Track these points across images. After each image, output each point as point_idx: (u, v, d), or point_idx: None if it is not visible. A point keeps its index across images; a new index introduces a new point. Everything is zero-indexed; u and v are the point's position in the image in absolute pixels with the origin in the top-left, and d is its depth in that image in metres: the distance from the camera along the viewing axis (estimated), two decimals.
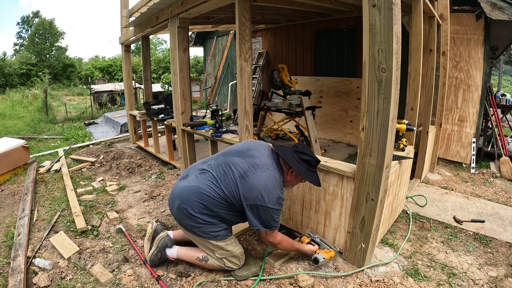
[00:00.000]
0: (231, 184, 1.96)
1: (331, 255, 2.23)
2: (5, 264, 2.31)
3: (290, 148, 2.11)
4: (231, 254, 2.10)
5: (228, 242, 2.09)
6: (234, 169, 1.99)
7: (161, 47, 33.13)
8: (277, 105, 4.52)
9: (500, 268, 2.27)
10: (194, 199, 1.98)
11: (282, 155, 2.05)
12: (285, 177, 2.10)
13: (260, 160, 2.03)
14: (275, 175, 2.00)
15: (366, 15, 1.81)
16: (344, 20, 5.37)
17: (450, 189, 3.64)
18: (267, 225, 1.96)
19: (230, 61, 8.97)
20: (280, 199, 1.96)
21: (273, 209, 1.92)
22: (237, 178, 1.96)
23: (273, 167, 2.03)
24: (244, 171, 1.97)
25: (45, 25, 24.86)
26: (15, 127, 8.36)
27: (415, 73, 2.85)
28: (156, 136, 4.98)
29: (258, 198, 1.90)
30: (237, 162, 2.02)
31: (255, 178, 1.93)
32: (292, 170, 2.07)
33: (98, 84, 15.62)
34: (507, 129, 6.44)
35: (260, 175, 1.95)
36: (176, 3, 3.44)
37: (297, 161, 2.03)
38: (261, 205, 1.90)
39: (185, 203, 2.00)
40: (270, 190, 1.92)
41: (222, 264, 2.11)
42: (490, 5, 3.70)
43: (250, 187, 1.92)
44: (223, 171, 2.02)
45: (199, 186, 2.00)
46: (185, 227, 2.08)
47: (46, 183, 3.94)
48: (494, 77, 17.40)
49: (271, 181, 1.95)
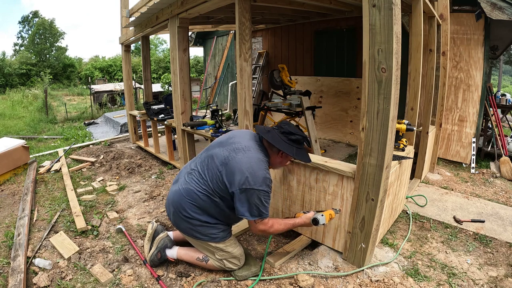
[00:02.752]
0: (215, 175, 1.90)
1: (330, 213, 2.11)
2: (5, 264, 2.31)
3: (275, 130, 2.02)
4: (231, 255, 2.09)
5: (228, 244, 2.08)
6: (216, 159, 1.93)
7: (161, 47, 33.14)
8: (277, 105, 4.51)
9: (500, 268, 2.27)
10: (186, 201, 1.98)
11: (270, 139, 1.96)
12: (273, 159, 2.02)
13: (241, 144, 1.95)
14: (258, 156, 1.92)
15: (366, 15, 1.81)
16: (344, 20, 5.37)
17: (450, 189, 3.64)
18: (256, 212, 1.85)
19: (230, 61, 8.97)
20: (267, 180, 1.85)
21: (261, 190, 1.81)
22: (219, 166, 1.89)
23: (256, 148, 1.96)
24: (225, 158, 1.89)
25: (45, 25, 24.86)
26: (15, 127, 8.37)
27: (415, 73, 2.85)
28: (156, 136, 4.98)
29: (242, 181, 1.80)
30: (218, 152, 1.97)
31: (236, 161, 1.85)
32: (282, 152, 1.99)
33: (98, 84, 15.64)
34: (507, 129, 6.45)
35: (241, 157, 1.87)
36: (176, 3, 3.44)
37: (287, 142, 1.97)
38: (247, 188, 1.79)
39: (179, 207, 2.00)
40: (255, 171, 1.83)
41: (222, 265, 2.11)
42: (490, 5, 3.70)
43: (233, 171, 1.84)
44: (206, 165, 1.98)
45: (189, 187, 1.99)
46: (184, 230, 2.08)
47: (46, 183, 3.94)
48: (494, 77, 17.40)
49: (254, 161, 1.87)
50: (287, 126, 2.05)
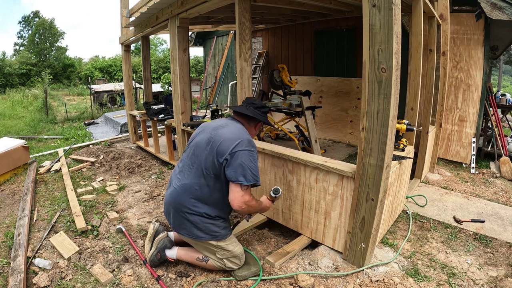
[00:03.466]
0: (204, 156, 2.00)
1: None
2: (5, 264, 2.31)
3: (249, 106, 2.19)
4: (231, 254, 2.10)
5: (228, 242, 2.10)
6: (201, 144, 2.06)
7: (161, 47, 33.14)
8: (277, 105, 4.51)
9: (500, 268, 2.27)
10: (184, 197, 2.02)
11: (252, 113, 2.15)
12: (250, 130, 2.20)
13: (217, 124, 2.13)
14: (237, 125, 2.11)
15: (366, 15, 1.81)
16: (344, 20, 5.37)
17: (450, 189, 3.64)
18: (251, 177, 1.90)
19: (230, 61, 8.97)
20: (251, 141, 2.02)
21: (248, 150, 1.95)
22: (206, 147, 2.01)
23: (232, 123, 2.14)
24: (208, 138, 2.04)
25: (45, 25, 24.86)
26: (15, 127, 8.37)
27: (415, 73, 2.85)
28: (156, 136, 4.98)
29: (232, 146, 1.93)
30: (200, 139, 2.11)
31: (220, 135, 2.01)
32: (259, 123, 2.25)
33: (98, 84, 15.63)
34: (507, 129, 6.45)
35: (223, 131, 2.04)
36: (176, 3, 3.44)
37: (261, 115, 2.20)
38: (237, 151, 1.91)
39: (178, 204, 2.04)
40: (239, 136, 1.99)
41: (223, 264, 2.11)
42: (490, 5, 3.70)
43: (220, 142, 1.97)
44: (193, 154, 2.08)
45: (183, 183, 2.05)
46: (185, 231, 2.08)
47: (46, 183, 3.94)
48: (494, 77, 17.40)
49: (236, 130, 2.05)
50: (256, 101, 2.27)
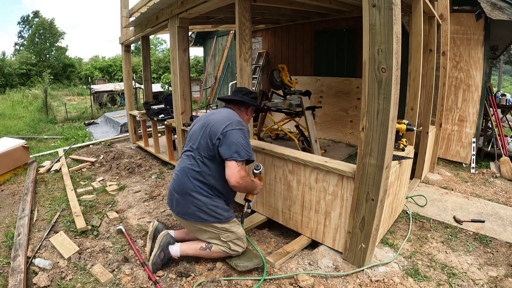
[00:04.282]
0: (200, 140, 2.15)
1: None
2: (5, 264, 2.31)
3: (239, 94, 2.39)
4: (236, 235, 2.17)
5: (232, 224, 2.18)
6: (196, 131, 2.23)
7: (161, 47, 33.14)
8: (277, 105, 4.51)
9: (500, 268, 2.27)
10: (186, 179, 2.12)
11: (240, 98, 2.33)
12: (242, 116, 2.35)
13: (210, 113, 2.34)
14: (229, 111, 2.29)
15: (366, 15, 1.81)
16: (344, 20, 5.37)
17: (450, 189, 3.64)
18: (244, 153, 2.03)
19: (230, 61, 8.97)
20: (241, 122, 2.19)
21: (239, 129, 2.09)
22: (200, 132, 2.17)
23: (223, 109, 2.33)
24: (203, 124, 2.22)
25: (45, 25, 24.85)
26: (15, 127, 8.37)
27: (415, 73, 2.85)
28: (156, 136, 4.98)
29: (224, 126, 2.08)
30: (195, 127, 2.28)
31: (213, 119, 2.18)
32: (250, 108, 2.42)
33: (98, 84, 15.64)
34: (507, 129, 6.45)
35: (214, 116, 2.23)
36: (176, 3, 3.44)
37: (251, 100, 2.37)
38: (228, 130, 2.06)
39: (181, 188, 2.13)
40: (231, 118, 2.16)
41: (228, 248, 2.16)
42: (490, 5, 3.70)
43: (211, 125, 2.14)
44: (191, 142, 2.23)
45: (183, 167, 2.17)
46: (190, 216, 2.12)
47: (46, 183, 3.94)
48: (494, 77, 17.41)
49: (226, 113, 2.23)
50: (244, 88, 2.49)
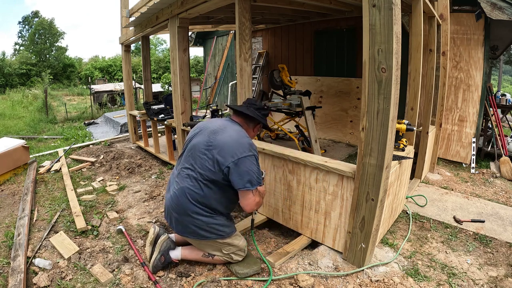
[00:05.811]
0: (203, 160, 1.98)
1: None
2: (5, 264, 2.31)
3: (250, 107, 2.18)
4: (237, 248, 2.16)
5: (234, 238, 2.16)
6: (199, 147, 2.04)
7: (161, 47, 33.12)
8: (277, 105, 4.51)
9: (500, 268, 2.27)
10: (186, 202, 2.00)
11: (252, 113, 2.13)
12: (249, 131, 2.19)
13: (215, 126, 2.10)
14: (235, 128, 2.09)
15: (366, 15, 1.81)
16: (344, 20, 5.37)
17: (450, 189, 3.64)
18: (256, 180, 1.92)
19: (230, 61, 8.97)
20: (252, 145, 2.01)
21: (251, 156, 1.95)
22: (205, 151, 1.99)
23: (230, 125, 2.11)
24: (207, 141, 2.02)
25: (44, 25, 24.85)
26: (15, 127, 8.37)
27: (415, 73, 2.85)
28: (156, 136, 4.98)
29: (232, 154, 1.91)
30: (197, 141, 2.08)
31: (218, 140, 1.98)
32: (259, 125, 2.23)
33: (98, 84, 15.64)
34: (507, 129, 6.44)
35: (222, 135, 2.01)
36: (176, 3, 3.44)
37: (261, 116, 2.18)
38: (240, 158, 1.90)
39: (180, 209, 2.03)
40: (239, 141, 1.98)
41: (229, 258, 2.17)
42: (490, 5, 3.70)
43: (218, 149, 1.95)
44: (191, 157, 2.06)
45: (182, 187, 2.02)
46: (190, 234, 2.08)
47: (46, 183, 3.94)
48: (494, 77, 17.41)
49: (235, 134, 2.03)
50: (257, 103, 2.26)
